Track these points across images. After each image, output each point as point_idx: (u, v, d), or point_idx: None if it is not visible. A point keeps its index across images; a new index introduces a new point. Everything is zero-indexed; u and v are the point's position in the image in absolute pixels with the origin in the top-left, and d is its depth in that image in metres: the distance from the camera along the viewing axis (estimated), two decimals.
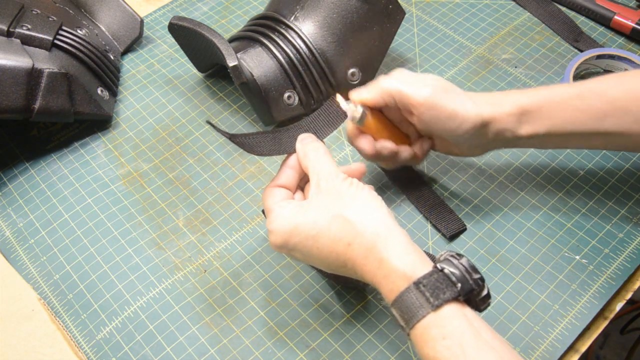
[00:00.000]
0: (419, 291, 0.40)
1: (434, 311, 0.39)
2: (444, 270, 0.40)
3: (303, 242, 0.45)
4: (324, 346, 0.52)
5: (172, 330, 0.53)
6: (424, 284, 0.40)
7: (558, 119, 0.51)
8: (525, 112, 0.51)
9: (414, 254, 0.42)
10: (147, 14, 0.81)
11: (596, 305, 0.53)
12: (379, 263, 0.42)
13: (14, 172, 0.65)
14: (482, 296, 0.41)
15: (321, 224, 0.44)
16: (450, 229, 0.58)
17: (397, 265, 0.41)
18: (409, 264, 0.41)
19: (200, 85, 0.72)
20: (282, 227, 0.45)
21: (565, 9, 0.79)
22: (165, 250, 0.58)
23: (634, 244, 0.57)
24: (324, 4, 0.67)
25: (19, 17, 0.63)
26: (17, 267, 0.58)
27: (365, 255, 0.43)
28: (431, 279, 0.40)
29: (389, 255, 0.42)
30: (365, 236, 0.43)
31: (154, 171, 0.64)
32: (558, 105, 0.51)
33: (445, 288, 0.39)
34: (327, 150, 0.48)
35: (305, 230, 0.45)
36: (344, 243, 0.44)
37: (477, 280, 0.40)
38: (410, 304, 0.40)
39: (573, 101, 0.51)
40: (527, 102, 0.51)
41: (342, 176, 0.46)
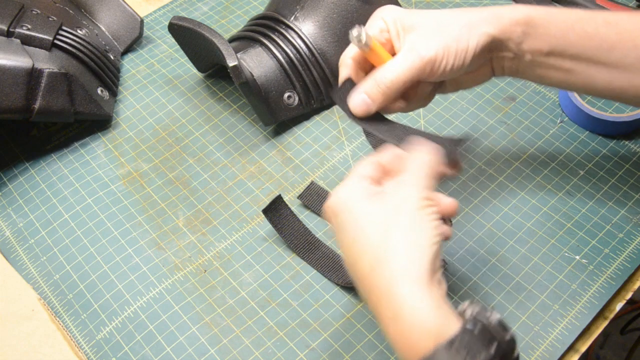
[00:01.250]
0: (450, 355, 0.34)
1: None
2: (474, 331, 0.35)
3: (348, 226, 0.40)
4: (324, 346, 0.52)
5: (172, 330, 0.53)
6: (457, 345, 0.34)
7: (564, 39, 0.47)
8: (532, 23, 0.47)
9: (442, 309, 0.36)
10: (147, 14, 0.81)
11: (596, 305, 0.53)
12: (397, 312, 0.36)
13: (14, 172, 0.65)
14: (514, 358, 0.36)
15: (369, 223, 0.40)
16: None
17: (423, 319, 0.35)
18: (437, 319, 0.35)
19: (200, 85, 0.72)
20: (345, 197, 0.41)
21: None
22: (165, 250, 0.58)
23: (634, 244, 0.57)
24: (324, 4, 0.67)
25: (19, 17, 0.63)
26: (17, 267, 0.58)
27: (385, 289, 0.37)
28: (464, 339, 0.34)
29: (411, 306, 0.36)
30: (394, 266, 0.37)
31: (154, 171, 0.64)
32: (566, 23, 0.47)
33: (480, 349, 0.34)
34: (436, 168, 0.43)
35: (357, 217, 0.40)
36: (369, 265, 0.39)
37: (509, 340, 0.36)
38: None
39: (582, 24, 0.47)
40: (534, 13, 0.47)
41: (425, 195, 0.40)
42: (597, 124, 0.64)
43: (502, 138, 0.65)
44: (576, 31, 0.47)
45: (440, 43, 0.46)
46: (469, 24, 0.47)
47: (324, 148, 0.66)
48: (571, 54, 0.48)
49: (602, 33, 0.47)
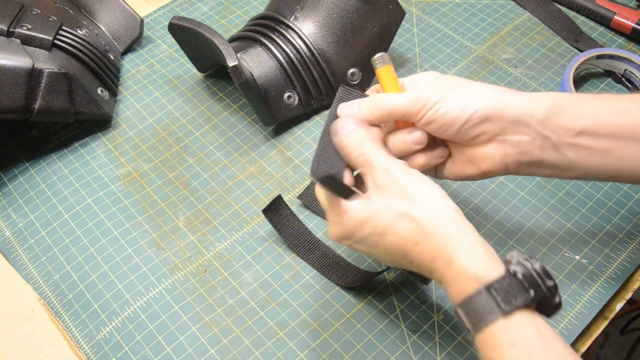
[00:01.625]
0: (490, 295, 0.38)
1: (505, 317, 0.37)
2: (516, 274, 0.38)
3: (368, 238, 0.44)
4: (324, 346, 0.52)
5: (172, 330, 0.53)
6: (496, 288, 0.38)
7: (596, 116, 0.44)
8: (557, 102, 0.44)
9: (485, 255, 0.40)
10: (147, 14, 0.81)
11: (596, 305, 0.53)
12: (449, 264, 0.40)
13: (14, 172, 0.65)
14: (555, 304, 0.39)
15: (387, 221, 0.42)
16: None
17: (468, 267, 0.39)
18: (481, 265, 0.39)
19: (200, 85, 0.72)
20: (348, 220, 0.44)
21: (565, 9, 0.79)
22: (165, 250, 0.58)
23: (634, 244, 0.57)
24: (324, 4, 0.67)
25: (19, 17, 0.63)
26: (17, 267, 0.58)
27: (434, 256, 0.41)
28: (503, 283, 0.38)
29: (460, 256, 0.40)
30: (435, 237, 0.41)
31: (154, 171, 0.64)
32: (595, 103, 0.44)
33: (517, 294, 0.37)
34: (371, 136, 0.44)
35: (371, 226, 0.43)
36: (411, 242, 0.42)
37: (550, 287, 0.38)
38: (480, 308, 0.38)
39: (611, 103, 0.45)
40: (559, 95, 0.45)
41: (399, 167, 0.43)
42: None
43: None
44: (606, 108, 0.44)
45: (443, 91, 0.45)
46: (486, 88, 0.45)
47: None
48: (607, 131, 0.43)
49: (634, 109, 0.44)
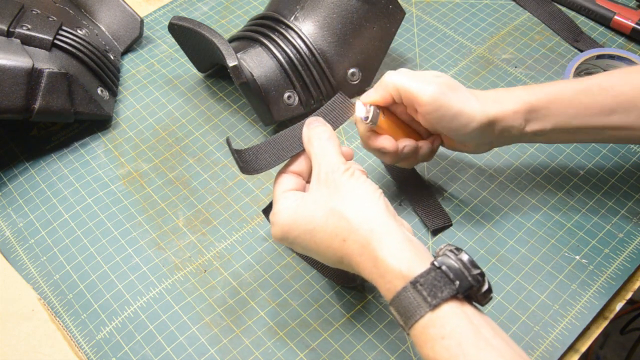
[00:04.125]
0: (416, 290, 0.39)
1: (432, 311, 0.38)
2: (441, 267, 0.39)
3: (301, 236, 0.45)
4: (324, 346, 0.52)
5: (172, 330, 0.53)
6: (421, 282, 0.39)
7: (565, 115, 0.50)
8: (531, 109, 0.50)
9: (410, 251, 0.41)
10: (147, 14, 0.81)
11: (596, 305, 0.53)
12: (374, 261, 0.41)
13: (14, 172, 0.65)
14: (483, 291, 0.40)
15: (318, 218, 0.44)
16: (435, 223, 0.58)
17: (393, 264, 0.40)
18: (405, 262, 0.40)
19: (200, 85, 0.72)
20: (282, 220, 0.45)
21: (565, 9, 0.79)
22: (165, 250, 0.58)
23: (634, 244, 0.57)
24: (324, 4, 0.67)
25: (19, 17, 0.63)
26: (17, 267, 0.58)
27: (361, 253, 0.42)
28: (428, 278, 0.39)
29: (384, 254, 0.41)
30: (360, 233, 0.42)
31: (154, 171, 0.64)
32: (564, 101, 0.50)
33: (443, 286, 0.38)
34: (332, 136, 0.47)
35: (303, 224, 0.44)
36: (340, 239, 0.43)
37: (476, 276, 0.39)
38: (408, 304, 0.39)
39: (579, 97, 0.50)
40: (533, 99, 0.50)
41: (343, 167, 0.45)
42: None
43: None
44: (574, 105, 0.50)
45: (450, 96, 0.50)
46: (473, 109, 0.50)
47: None
48: (574, 126, 0.51)
49: (600, 101, 0.50)
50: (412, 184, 0.61)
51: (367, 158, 0.64)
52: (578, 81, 0.52)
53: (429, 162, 0.63)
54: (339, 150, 0.46)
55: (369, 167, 0.64)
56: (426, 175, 0.63)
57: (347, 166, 0.45)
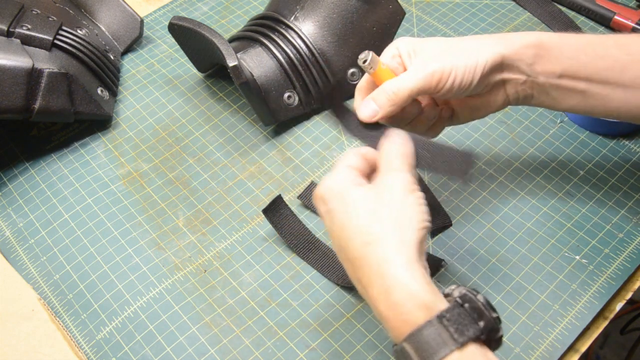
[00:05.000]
0: (442, 325, 0.35)
1: (459, 349, 0.35)
2: (464, 305, 0.37)
3: (336, 211, 0.41)
4: (324, 346, 0.52)
5: (172, 330, 0.53)
6: (448, 317, 0.36)
7: (576, 60, 0.48)
8: (543, 45, 0.48)
9: (431, 285, 0.38)
10: (147, 14, 0.81)
11: (596, 305, 0.53)
12: (392, 283, 0.37)
13: (14, 172, 0.65)
14: (499, 337, 0.37)
15: (358, 208, 0.41)
16: (435, 223, 0.58)
17: (416, 291, 0.37)
18: (428, 294, 0.37)
19: (200, 85, 0.72)
20: (333, 185, 0.42)
21: (565, 9, 0.79)
22: (165, 250, 0.58)
23: (634, 244, 0.57)
24: (324, 4, 0.67)
25: (19, 17, 0.63)
26: (17, 267, 0.58)
27: (378, 266, 0.38)
28: (454, 313, 0.36)
29: (407, 279, 0.37)
30: (387, 245, 0.39)
31: (154, 171, 0.64)
32: (578, 46, 0.48)
33: (468, 324, 0.36)
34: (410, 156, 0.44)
35: (345, 203, 0.41)
36: (364, 240, 0.39)
37: (495, 319, 0.37)
38: (431, 340, 0.35)
39: (594, 46, 0.48)
40: (545, 37, 0.48)
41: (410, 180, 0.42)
42: (597, 124, 0.64)
43: (502, 138, 0.65)
44: (587, 53, 0.48)
45: (448, 58, 0.47)
46: (478, 45, 0.48)
47: (324, 148, 0.66)
48: (584, 75, 0.48)
49: (614, 54, 0.48)
50: None
51: None
52: (594, 34, 0.50)
53: None
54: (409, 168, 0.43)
55: None
56: (426, 175, 0.63)
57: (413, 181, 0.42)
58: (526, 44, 0.48)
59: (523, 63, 0.48)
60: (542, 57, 0.48)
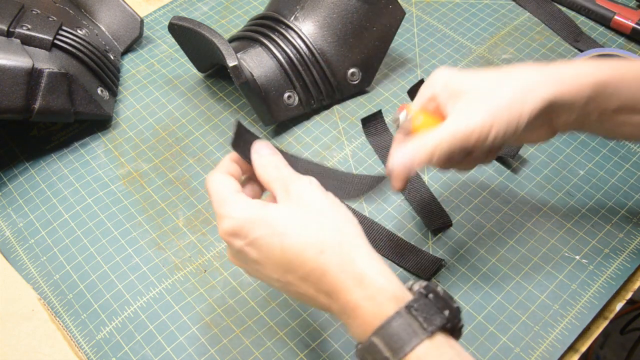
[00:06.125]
0: (412, 315, 0.35)
1: (429, 339, 0.35)
2: (429, 295, 0.37)
3: (266, 237, 0.39)
4: (324, 346, 0.52)
5: (172, 330, 0.53)
6: (416, 307, 0.36)
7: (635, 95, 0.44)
8: (600, 84, 0.44)
9: (395, 277, 0.38)
10: (147, 14, 0.81)
11: (596, 305, 0.53)
12: (360, 280, 0.37)
13: (14, 172, 0.65)
14: (460, 326, 0.38)
15: (293, 224, 0.39)
16: (435, 223, 0.58)
17: (385, 285, 0.37)
18: (395, 284, 0.37)
19: (200, 85, 0.72)
20: (246, 215, 0.40)
21: (565, 9, 0.79)
22: (165, 250, 0.58)
23: (634, 244, 0.57)
24: (324, 4, 0.67)
25: (19, 17, 0.63)
26: (17, 267, 0.58)
27: (341, 269, 0.37)
28: (421, 303, 0.36)
29: (373, 273, 0.37)
30: (345, 247, 0.38)
31: (154, 171, 0.64)
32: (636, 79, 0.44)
33: (435, 314, 0.36)
34: (286, 163, 0.44)
35: (274, 225, 0.39)
36: (317, 249, 0.38)
37: (456, 309, 0.37)
38: (402, 330, 0.35)
39: None
40: (603, 74, 0.44)
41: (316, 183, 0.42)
42: None
43: None
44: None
45: (489, 111, 0.43)
46: (524, 88, 0.43)
47: (324, 148, 0.66)
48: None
49: None
50: (412, 184, 0.61)
51: (367, 158, 0.64)
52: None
53: None
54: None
55: (369, 167, 0.64)
56: (426, 175, 0.63)
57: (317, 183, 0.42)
58: (581, 85, 0.44)
59: (576, 105, 0.44)
60: (597, 95, 0.44)
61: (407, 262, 0.56)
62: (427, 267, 0.55)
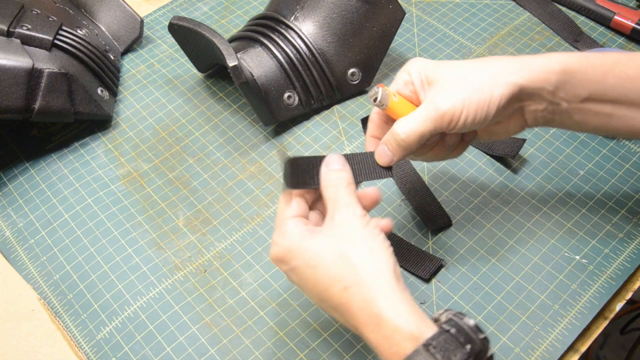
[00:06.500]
0: (429, 353, 0.36)
1: None
2: (450, 330, 0.38)
3: (302, 267, 0.42)
4: (324, 346, 0.52)
5: (172, 330, 0.53)
6: (434, 345, 0.37)
7: (603, 83, 0.45)
8: (567, 69, 0.45)
9: (417, 314, 0.39)
10: (147, 14, 0.81)
11: (596, 305, 0.53)
12: (378, 320, 0.39)
13: (14, 172, 0.65)
14: (488, 357, 0.38)
15: (324, 257, 0.41)
16: (435, 223, 0.58)
17: (402, 325, 0.38)
18: (414, 324, 0.38)
19: (200, 85, 0.72)
20: (289, 244, 0.43)
21: (565, 9, 0.79)
22: (165, 250, 0.58)
23: (634, 244, 0.57)
24: (324, 4, 0.67)
25: (19, 17, 0.63)
26: (17, 267, 0.58)
27: (362, 307, 0.39)
28: (440, 340, 0.37)
29: (391, 314, 0.38)
30: (366, 285, 0.40)
31: (154, 171, 0.64)
32: (604, 67, 0.45)
33: (455, 349, 0.37)
34: (350, 183, 0.44)
35: (308, 257, 0.42)
36: (341, 286, 0.40)
37: (483, 340, 0.38)
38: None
39: (622, 66, 0.45)
40: (569, 59, 0.45)
41: (360, 213, 0.43)
42: None
43: None
44: (615, 74, 0.45)
45: (460, 95, 0.44)
46: (494, 75, 0.45)
47: (324, 148, 0.66)
48: (611, 98, 0.46)
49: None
50: (412, 184, 0.61)
51: None
52: (621, 53, 0.47)
53: (429, 163, 0.63)
54: (355, 199, 0.44)
55: None
56: (426, 175, 0.63)
57: (364, 215, 0.43)
58: (549, 71, 0.45)
59: (544, 91, 0.45)
60: (565, 82, 0.45)
61: (407, 262, 0.56)
62: (427, 267, 0.55)
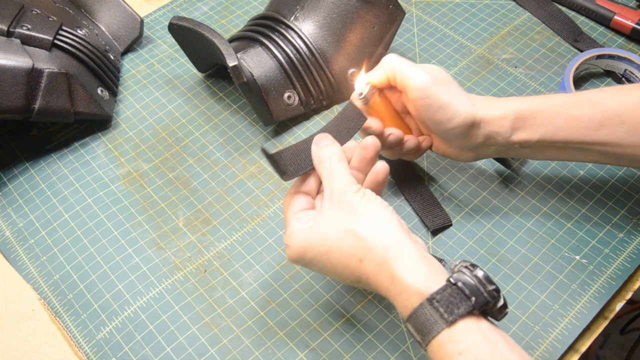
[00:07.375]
0: (433, 307, 0.39)
1: (449, 327, 0.38)
2: (457, 284, 0.40)
3: (318, 257, 0.45)
4: (324, 346, 0.52)
5: (172, 330, 0.53)
6: (438, 299, 0.39)
7: (552, 126, 0.50)
8: (519, 117, 0.51)
9: (426, 268, 0.41)
10: (147, 14, 0.81)
11: (596, 305, 0.53)
12: (391, 279, 0.42)
13: (14, 172, 0.65)
14: (499, 307, 0.40)
15: (332, 239, 0.44)
16: (435, 223, 0.58)
17: (410, 281, 0.41)
18: (422, 279, 0.41)
19: (200, 85, 0.72)
20: (297, 242, 0.45)
21: (565, 9, 0.79)
22: (165, 250, 0.58)
23: (634, 244, 0.57)
24: (324, 4, 0.67)
25: (19, 17, 0.63)
26: (17, 267, 0.58)
27: (378, 271, 0.42)
28: (444, 294, 0.39)
29: (400, 272, 0.41)
30: (376, 252, 0.42)
31: (154, 171, 0.64)
32: (553, 112, 0.51)
33: (459, 302, 0.39)
34: (342, 156, 0.47)
35: (318, 245, 0.44)
36: (356, 259, 0.43)
37: (491, 292, 0.39)
38: (425, 320, 0.39)
39: (568, 109, 0.50)
40: (522, 107, 0.51)
41: (355, 188, 0.45)
42: None
43: None
44: (563, 116, 0.50)
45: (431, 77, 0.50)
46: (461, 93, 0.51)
47: None
48: (560, 139, 0.51)
49: (588, 114, 0.50)
50: (412, 184, 0.61)
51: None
52: (568, 94, 0.52)
53: (429, 162, 0.63)
54: (349, 171, 0.46)
55: None
56: (426, 175, 0.63)
57: (359, 187, 0.45)
58: (502, 115, 0.51)
59: (500, 136, 0.51)
60: (517, 129, 0.51)
61: None
62: None
